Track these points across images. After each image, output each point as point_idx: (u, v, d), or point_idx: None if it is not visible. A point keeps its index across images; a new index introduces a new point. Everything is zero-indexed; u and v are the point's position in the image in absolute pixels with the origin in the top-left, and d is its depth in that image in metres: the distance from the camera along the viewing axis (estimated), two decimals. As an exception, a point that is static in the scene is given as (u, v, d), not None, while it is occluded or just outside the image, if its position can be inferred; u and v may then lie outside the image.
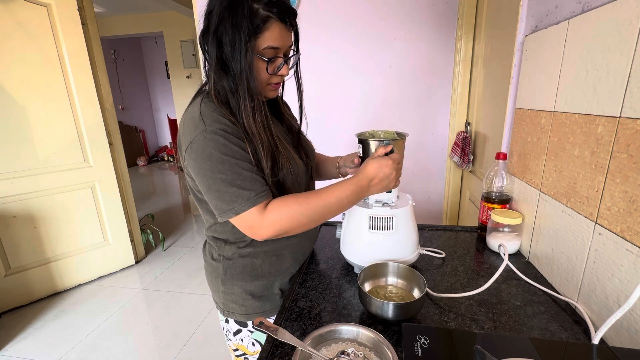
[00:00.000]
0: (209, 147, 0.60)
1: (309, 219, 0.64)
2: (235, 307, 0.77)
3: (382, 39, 1.75)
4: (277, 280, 0.77)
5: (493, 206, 0.89)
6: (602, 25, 0.57)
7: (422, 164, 1.89)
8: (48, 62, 1.96)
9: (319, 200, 0.64)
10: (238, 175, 0.60)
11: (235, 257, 0.75)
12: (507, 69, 1.04)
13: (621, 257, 0.52)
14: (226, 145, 0.60)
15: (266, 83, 0.67)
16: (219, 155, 0.60)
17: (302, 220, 0.63)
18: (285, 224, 0.62)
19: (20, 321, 1.93)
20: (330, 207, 0.64)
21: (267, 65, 0.63)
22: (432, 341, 0.49)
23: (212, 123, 0.61)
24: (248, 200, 0.60)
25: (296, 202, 0.63)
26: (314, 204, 0.63)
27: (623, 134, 0.51)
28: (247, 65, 0.60)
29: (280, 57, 0.65)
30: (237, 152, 0.61)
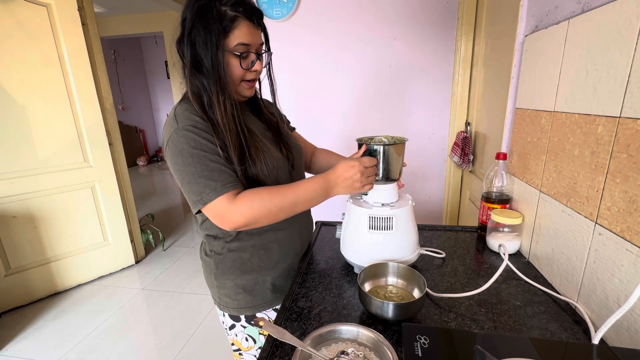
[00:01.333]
0: (180, 143, 0.64)
1: (278, 209, 0.66)
2: (228, 302, 0.80)
3: (382, 39, 1.75)
4: (268, 274, 0.80)
5: (493, 206, 0.89)
6: (602, 25, 0.57)
7: (422, 164, 1.89)
8: (48, 62, 1.96)
9: (289, 191, 0.67)
10: (206, 167, 0.64)
11: (225, 252, 0.78)
12: (507, 69, 1.04)
13: (621, 257, 0.52)
14: (195, 139, 0.64)
15: (240, 80, 0.71)
16: (189, 149, 0.64)
17: (271, 209, 0.66)
18: (255, 212, 0.65)
19: (20, 321, 1.93)
20: (298, 198, 0.68)
21: (240, 61, 0.67)
22: (432, 341, 0.49)
23: (184, 121, 0.65)
24: (215, 190, 0.63)
25: (267, 192, 0.66)
26: (283, 195, 0.67)
27: (623, 134, 0.51)
28: (219, 62, 0.65)
29: (253, 52, 0.69)
30: (205, 145, 0.65)
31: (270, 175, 0.73)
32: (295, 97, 1.92)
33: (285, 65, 1.87)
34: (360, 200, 0.80)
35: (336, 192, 0.71)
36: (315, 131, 1.97)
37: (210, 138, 0.66)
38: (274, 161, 0.73)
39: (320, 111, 1.93)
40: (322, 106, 1.91)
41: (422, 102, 1.81)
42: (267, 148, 0.73)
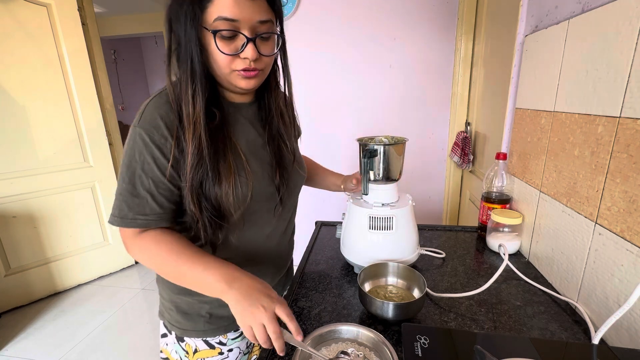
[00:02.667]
0: (130, 143, 0.55)
1: (164, 273, 0.57)
2: (163, 311, 0.70)
3: (382, 39, 1.75)
4: (207, 302, 0.65)
5: (493, 206, 0.89)
6: (602, 25, 0.57)
7: (422, 164, 1.89)
8: (48, 62, 1.96)
9: (182, 265, 0.53)
10: (133, 188, 0.54)
11: None
12: (507, 69, 1.04)
13: (621, 257, 0.52)
14: (142, 152, 0.53)
15: (230, 68, 0.54)
16: (130, 157, 0.54)
17: (159, 270, 0.57)
18: (147, 264, 0.56)
19: (20, 321, 1.93)
20: (186, 278, 0.54)
21: (215, 41, 0.51)
22: (432, 341, 0.49)
23: (145, 122, 0.54)
24: (122, 219, 0.55)
25: (165, 251, 0.54)
26: (175, 265, 0.53)
27: (623, 134, 0.51)
28: (191, 43, 0.51)
29: (241, 33, 0.51)
30: (147, 164, 0.54)
31: (239, 206, 0.58)
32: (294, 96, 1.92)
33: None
34: (360, 200, 0.80)
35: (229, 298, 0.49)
36: (315, 131, 1.97)
37: (160, 158, 0.54)
38: (246, 190, 0.58)
39: (320, 110, 1.93)
40: (322, 106, 1.91)
41: (422, 102, 1.81)
42: (247, 171, 0.59)
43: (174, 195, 0.57)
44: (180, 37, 0.52)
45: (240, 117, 0.63)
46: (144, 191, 0.54)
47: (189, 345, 0.68)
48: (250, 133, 0.64)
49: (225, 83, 0.57)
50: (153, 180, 0.54)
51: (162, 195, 0.55)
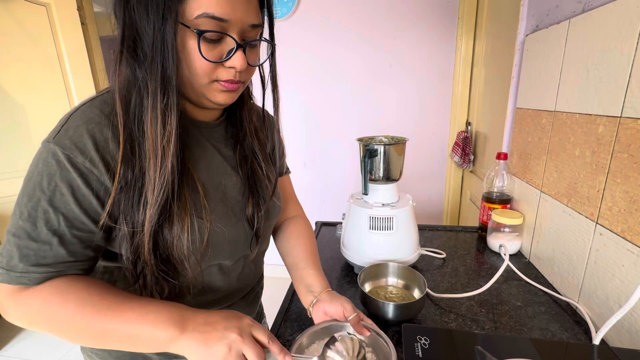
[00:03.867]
0: (35, 165, 0.41)
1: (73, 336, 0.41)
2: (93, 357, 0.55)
3: (382, 39, 1.75)
4: None
5: (494, 206, 0.89)
6: (603, 24, 0.56)
7: (423, 164, 1.89)
8: (47, 62, 1.96)
9: (100, 318, 0.39)
10: (32, 227, 0.39)
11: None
12: (507, 68, 1.04)
13: (622, 257, 0.51)
14: (53, 179, 0.39)
15: (209, 78, 0.42)
16: (34, 183, 0.40)
17: (64, 331, 0.40)
18: (40, 324, 0.40)
19: (20, 321, 1.93)
20: (108, 336, 0.39)
21: (198, 44, 0.39)
22: (432, 342, 0.48)
23: (64, 138, 0.40)
24: (8, 272, 0.39)
25: (74, 303, 0.39)
26: (88, 321, 0.39)
27: (624, 134, 0.51)
28: (165, 41, 0.38)
29: (229, 36, 0.41)
30: (59, 195, 0.39)
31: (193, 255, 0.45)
32: (294, 96, 1.92)
33: (284, 64, 1.86)
34: (360, 201, 0.80)
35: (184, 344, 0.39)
36: (315, 131, 1.97)
37: (79, 186, 0.40)
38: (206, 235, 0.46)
39: (320, 110, 1.92)
40: (322, 105, 1.91)
41: (423, 102, 1.81)
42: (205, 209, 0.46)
43: (93, 240, 0.42)
44: (145, 32, 0.38)
45: (201, 137, 0.50)
46: (49, 232, 0.39)
47: None
48: (213, 158, 0.51)
49: (196, 95, 0.44)
50: (65, 218, 0.40)
51: (76, 238, 0.40)
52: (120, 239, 0.43)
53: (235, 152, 0.54)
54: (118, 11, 0.40)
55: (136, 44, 0.40)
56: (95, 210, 0.41)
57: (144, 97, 0.40)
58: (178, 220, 0.43)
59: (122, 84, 0.41)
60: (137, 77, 0.41)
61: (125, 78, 0.41)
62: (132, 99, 0.41)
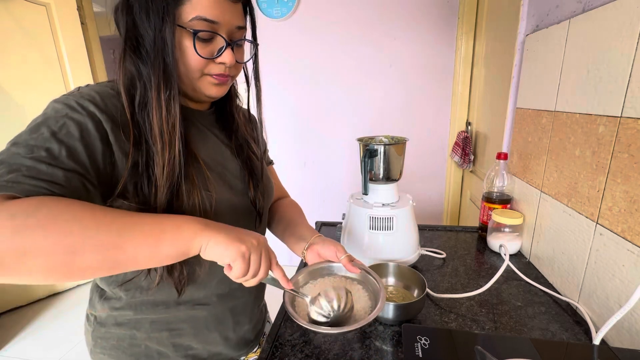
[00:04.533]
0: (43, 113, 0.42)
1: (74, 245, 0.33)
2: None
3: (383, 39, 1.75)
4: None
5: (494, 206, 0.89)
6: (603, 24, 0.56)
7: (423, 164, 1.89)
8: (47, 62, 1.96)
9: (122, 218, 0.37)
10: (26, 151, 0.37)
11: (109, 324, 0.53)
12: (507, 68, 1.04)
13: (622, 257, 0.51)
14: (60, 119, 0.40)
15: (201, 72, 0.48)
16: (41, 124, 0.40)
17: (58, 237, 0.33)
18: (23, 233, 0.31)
19: (20, 321, 1.92)
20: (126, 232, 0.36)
21: (194, 43, 0.45)
22: (432, 342, 0.48)
23: (81, 98, 0.43)
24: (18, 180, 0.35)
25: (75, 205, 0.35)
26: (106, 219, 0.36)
27: (624, 134, 0.51)
28: (165, 41, 0.44)
29: (220, 35, 0.47)
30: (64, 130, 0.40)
31: None
32: (294, 96, 1.92)
33: (284, 64, 1.86)
34: (360, 201, 0.80)
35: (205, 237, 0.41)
36: (315, 131, 1.97)
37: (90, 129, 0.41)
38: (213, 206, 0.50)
39: (320, 110, 1.92)
40: (322, 105, 1.91)
41: (423, 102, 1.81)
42: (210, 183, 0.50)
43: (87, 181, 0.40)
44: (147, 33, 0.44)
45: (196, 122, 0.55)
46: (48, 156, 0.37)
47: None
48: (210, 141, 0.56)
49: (191, 89, 0.50)
50: (68, 150, 0.38)
51: (74, 172, 0.38)
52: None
53: (231, 141, 0.59)
54: (121, 16, 0.45)
55: (139, 44, 0.46)
56: (98, 153, 0.41)
57: (149, 89, 0.44)
58: (188, 196, 0.46)
59: (126, 78, 0.46)
60: (140, 72, 0.45)
61: (129, 74, 0.46)
62: (136, 92, 0.45)
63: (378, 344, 0.56)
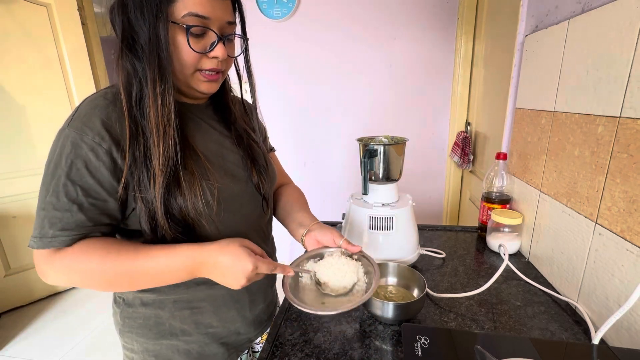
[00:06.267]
0: (55, 148, 0.48)
1: (108, 283, 0.49)
2: None
3: (382, 39, 1.75)
4: (193, 341, 0.59)
5: (493, 206, 0.89)
6: (603, 25, 0.56)
7: (422, 164, 1.89)
8: (48, 62, 1.96)
9: (133, 262, 0.47)
10: (56, 200, 0.46)
11: (137, 305, 0.58)
12: (507, 69, 1.04)
13: (621, 257, 0.52)
14: (68, 156, 0.46)
15: (194, 67, 0.50)
16: (55, 163, 0.47)
17: (99, 281, 0.48)
18: (74, 279, 0.48)
19: (20, 321, 1.93)
20: (144, 275, 0.48)
21: (187, 38, 0.47)
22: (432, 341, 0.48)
23: (77, 121, 0.47)
24: (41, 239, 0.46)
25: (100, 257, 0.47)
26: (122, 266, 0.47)
27: (623, 134, 0.51)
28: (158, 37, 0.46)
29: (212, 30, 0.49)
30: (75, 169, 0.46)
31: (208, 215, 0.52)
32: (294, 96, 1.92)
33: (284, 64, 1.86)
34: (360, 201, 0.80)
35: (201, 277, 0.50)
36: (314, 131, 1.97)
37: (91, 160, 0.46)
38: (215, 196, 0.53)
39: (321, 111, 1.93)
40: (322, 106, 1.91)
41: (422, 102, 1.81)
42: (211, 174, 0.53)
43: (108, 207, 0.48)
44: (142, 30, 0.46)
45: (193, 116, 0.57)
46: (69, 202, 0.46)
47: None
48: (208, 133, 0.58)
49: (184, 85, 0.53)
50: (82, 188, 0.46)
51: (93, 205, 0.47)
52: (139, 213, 0.49)
53: (231, 132, 0.61)
54: (116, 15, 0.48)
55: (134, 41, 0.48)
56: (107, 180, 0.47)
57: (144, 84, 0.48)
58: (189, 187, 0.50)
59: (124, 76, 0.49)
60: (136, 68, 0.48)
61: (126, 71, 0.49)
62: (133, 88, 0.48)
63: (378, 344, 0.56)
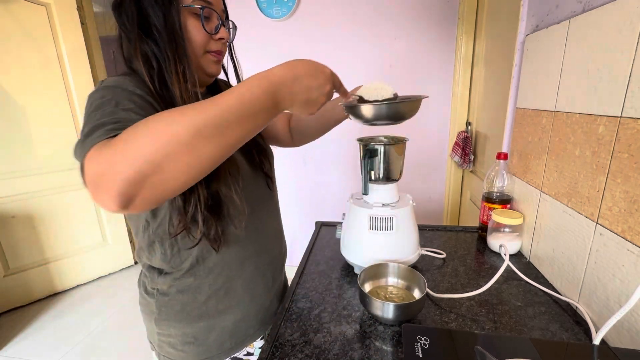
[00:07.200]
0: (88, 107, 0.45)
1: (192, 132, 0.35)
2: (172, 353, 0.64)
3: (383, 39, 1.75)
4: (227, 319, 0.64)
5: (494, 206, 0.89)
6: (603, 24, 0.56)
7: (423, 164, 1.89)
8: (47, 62, 1.96)
9: (209, 102, 0.38)
10: (99, 121, 0.41)
11: (173, 292, 0.61)
12: (507, 68, 1.04)
13: (622, 257, 0.51)
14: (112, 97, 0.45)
15: (204, 49, 0.56)
16: (94, 111, 0.43)
17: (179, 132, 0.35)
18: (146, 143, 0.34)
19: (19, 321, 1.92)
20: (229, 110, 0.38)
21: (202, 20, 0.53)
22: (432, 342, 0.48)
23: (110, 82, 0.49)
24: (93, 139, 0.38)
25: (168, 111, 0.37)
26: (200, 108, 0.37)
27: (624, 134, 0.51)
28: (174, 20, 0.50)
29: (216, 12, 0.55)
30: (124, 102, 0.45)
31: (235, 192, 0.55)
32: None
33: (285, 65, 1.86)
34: (360, 201, 0.80)
35: (287, 103, 0.44)
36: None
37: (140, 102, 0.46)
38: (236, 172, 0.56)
39: (320, 111, 1.92)
40: (322, 106, 1.91)
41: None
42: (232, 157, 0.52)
43: None
44: (157, 16, 0.50)
45: None
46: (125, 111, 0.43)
47: None
48: None
49: (195, 68, 0.55)
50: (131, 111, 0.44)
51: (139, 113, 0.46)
52: None
53: None
54: (129, 6, 0.51)
55: (150, 28, 0.51)
56: None
57: (167, 64, 0.51)
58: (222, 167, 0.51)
59: (144, 60, 0.51)
60: (155, 52, 0.51)
61: (146, 54, 0.51)
62: (154, 70, 0.51)
63: (378, 344, 0.56)
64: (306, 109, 0.46)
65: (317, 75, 0.45)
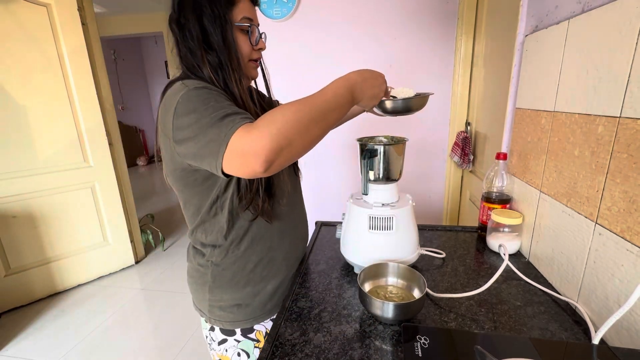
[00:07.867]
0: (192, 103, 0.55)
1: (308, 119, 0.51)
2: (222, 315, 0.74)
3: (382, 39, 1.75)
4: (269, 284, 0.75)
5: (493, 206, 0.89)
6: (603, 25, 0.56)
7: (422, 164, 1.89)
8: (48, 62, 1.96)
9: (316, 98, 0.55)
10: (223, 112, 0.53)
11: (226, 263, 0.72)
12: (507, 68, 1.04)
13: (621, 257, 0.52)
14: (210, 94, 0.56)
15: (248, 58, 0.69)
16: (203, 105, 0.54)
17: (301, 120, 0.51)
18: (282, 127, 0.49)
19: (20, 321, 1.93)
20: (329, 103, 0.55)
21: (249, 36, 0.66)
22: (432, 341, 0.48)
23: (196, 84, 0.58)
24: (234, 122, 0.51)
25: (289, 104, 0.53)
26: (311, 102, 0.53)
27: (623, 134, 0.51)
28: (229, 36, 0.63)
29: (256, 26, 0.68)
30: (220, 98, 0.57)
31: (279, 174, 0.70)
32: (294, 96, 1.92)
33: (285, 64, 1.86)
34: (360, 201, 0.80)
35: (360, 98, 0.61)
36: (315, 131, 1.96)
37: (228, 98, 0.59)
38: None
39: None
40: (322, 106, 1.91)
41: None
42: None
43: None
44: (217, 34, 0.62)
45: None
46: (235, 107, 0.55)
47: (259, 332, 0.76)
48: None
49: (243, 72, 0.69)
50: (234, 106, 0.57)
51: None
52: None
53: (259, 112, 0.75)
54: (193, 23, 0.62)
55: (211, 43, 0.63)
56: None
57: (227, 72, 0.63)
58: None
59: (210, 67, 0.63)
60: (213, 62, 0.63)
61: (210, 64, 0.63)
62: (219, 75, 0.63)
63: (378, 344, 0.56)
64: (371, 101, 0.63)
65: (377, 77, 0.63)
